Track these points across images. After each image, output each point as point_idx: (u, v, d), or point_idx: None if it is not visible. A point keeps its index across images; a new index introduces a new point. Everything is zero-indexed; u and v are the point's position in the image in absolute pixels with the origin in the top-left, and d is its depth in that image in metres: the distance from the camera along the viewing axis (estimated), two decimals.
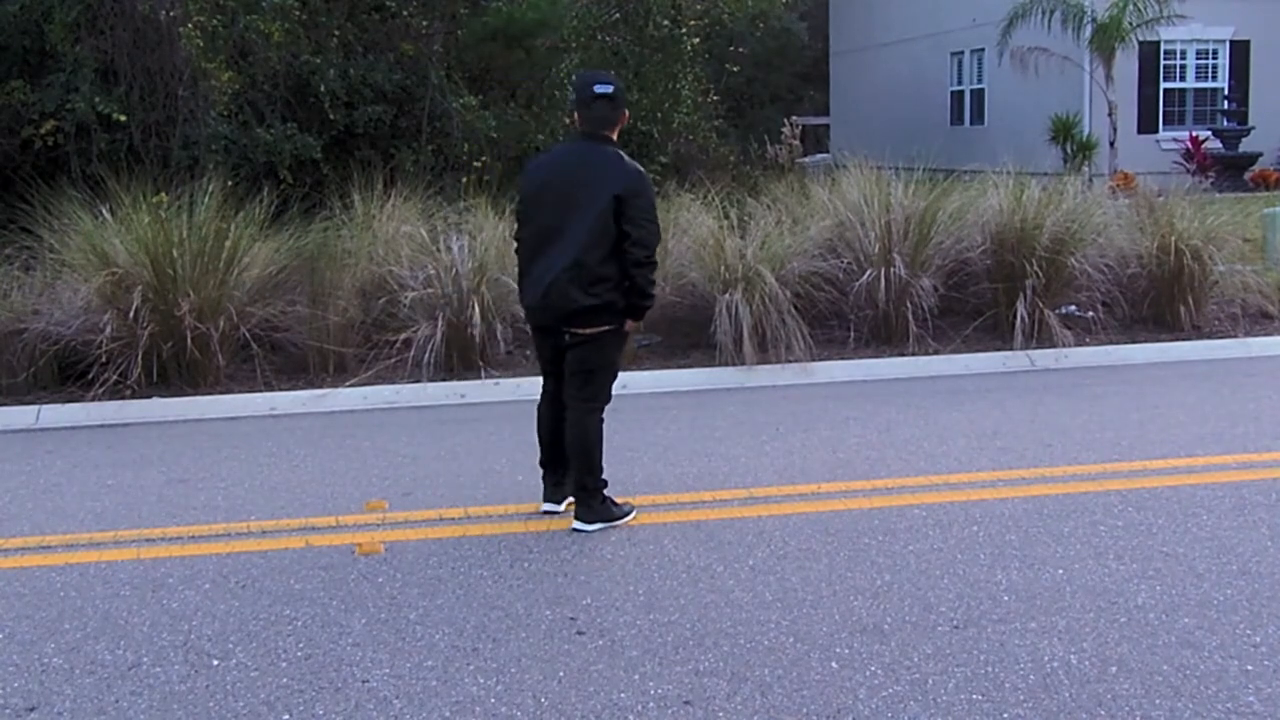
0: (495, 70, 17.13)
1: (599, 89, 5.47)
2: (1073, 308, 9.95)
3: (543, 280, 5.39)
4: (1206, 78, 22.54)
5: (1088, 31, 20.30)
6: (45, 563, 5.25)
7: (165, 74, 13.84)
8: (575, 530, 5.48)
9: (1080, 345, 9.51)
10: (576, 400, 5.54)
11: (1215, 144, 20.89)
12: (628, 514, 5.63)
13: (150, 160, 13.18)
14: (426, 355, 8.72)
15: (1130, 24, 19.92)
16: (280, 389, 8.60)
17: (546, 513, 5.73)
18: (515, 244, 5.74)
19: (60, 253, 8.90)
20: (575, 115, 5.64)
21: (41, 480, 6.65)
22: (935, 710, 3.72)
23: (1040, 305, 9.42)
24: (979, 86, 25.63)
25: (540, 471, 5.82)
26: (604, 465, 5.59)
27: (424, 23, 16.08)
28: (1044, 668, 3.98)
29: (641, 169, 5.51)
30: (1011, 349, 9.34)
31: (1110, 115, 20.30)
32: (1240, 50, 22.35)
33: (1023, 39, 20.70)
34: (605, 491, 5.60)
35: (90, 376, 8.38)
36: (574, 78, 5.76)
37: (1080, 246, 9.76)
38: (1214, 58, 22.50)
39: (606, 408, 5.64)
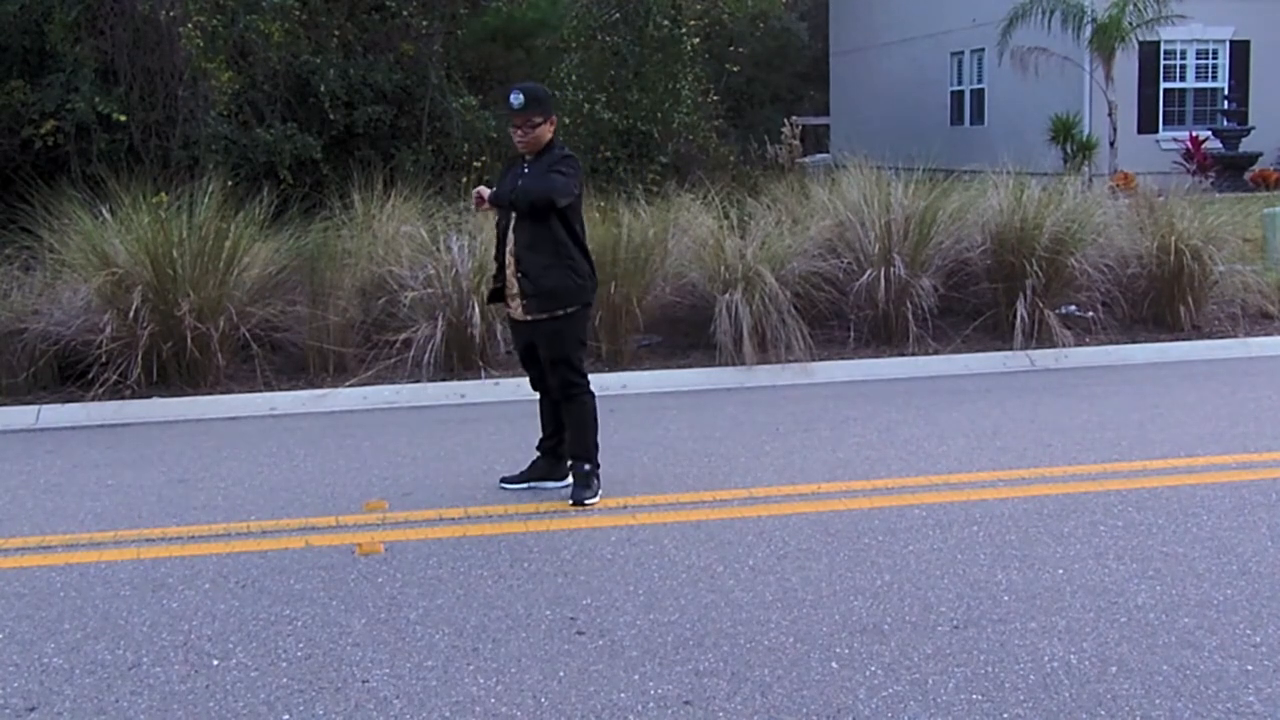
0: (495, 70, 17.11)
1: None
2: (1073, 308, 9.95)
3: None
4: (1206, 78, 22.53)
5: (1088, 31, 20.29)
6: (45, 563, 5.25)
7: (165, 74, 13.85)
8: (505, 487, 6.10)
9: (1080, 345, 9.51)
10: None
11: (1215, 144, 20.88)
12: None
13: (150, 160, 13.19)
14: (426, 355, 8.72)
15: (1130, 24, 19.92)
16: (280, 389, 8.60)
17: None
18: (569, 228, 5.76)
19: (60, 253, 8.90)
20: (551, 121, 5.84)
21: (41, 480, 6.65)
22: (935, 710, 3.71)
23: (1040, 305, 9.42)
24: (979, 86, 25.63)
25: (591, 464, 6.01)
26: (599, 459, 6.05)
27: (424, 23, 16.07)
28: (1044, 668, 3.98)
29: None
30: (1011, 349, 9.34)
31: (1110, 115, 20.30)
32: (1240, 50, 22.35)
33: (1023, 39, 20.69)
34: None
35: (90, 376, 8.38)
36: (541, 89, 5.95)
37: (1080, 246, 9.76)
38: (1214, 58, 22.49)
39: (596, 402, 6.04)
